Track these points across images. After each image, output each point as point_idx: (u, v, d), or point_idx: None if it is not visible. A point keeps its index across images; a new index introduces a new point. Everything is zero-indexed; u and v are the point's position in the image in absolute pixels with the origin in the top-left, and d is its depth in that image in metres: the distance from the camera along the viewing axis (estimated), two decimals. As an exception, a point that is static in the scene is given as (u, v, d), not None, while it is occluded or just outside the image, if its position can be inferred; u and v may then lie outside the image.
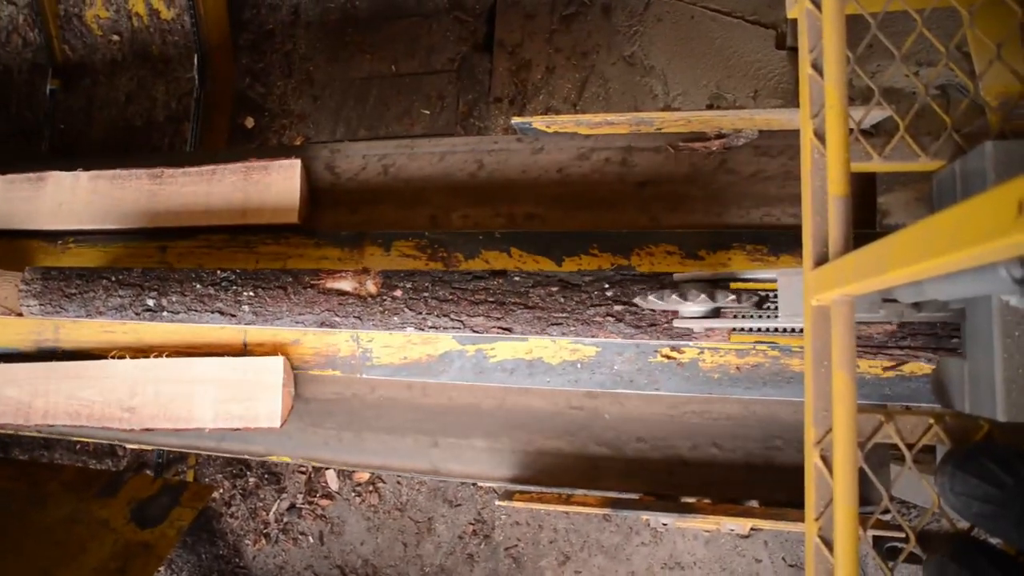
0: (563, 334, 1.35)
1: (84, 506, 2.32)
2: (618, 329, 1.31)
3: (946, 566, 0.80)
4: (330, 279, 1.50)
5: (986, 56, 0.93)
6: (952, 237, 0.51)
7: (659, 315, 1.29)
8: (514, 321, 1.37)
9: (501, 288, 1.38)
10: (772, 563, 2.36)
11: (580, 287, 1.34)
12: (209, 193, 1.76)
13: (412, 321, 1.43)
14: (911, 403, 1.32)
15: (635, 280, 1.31)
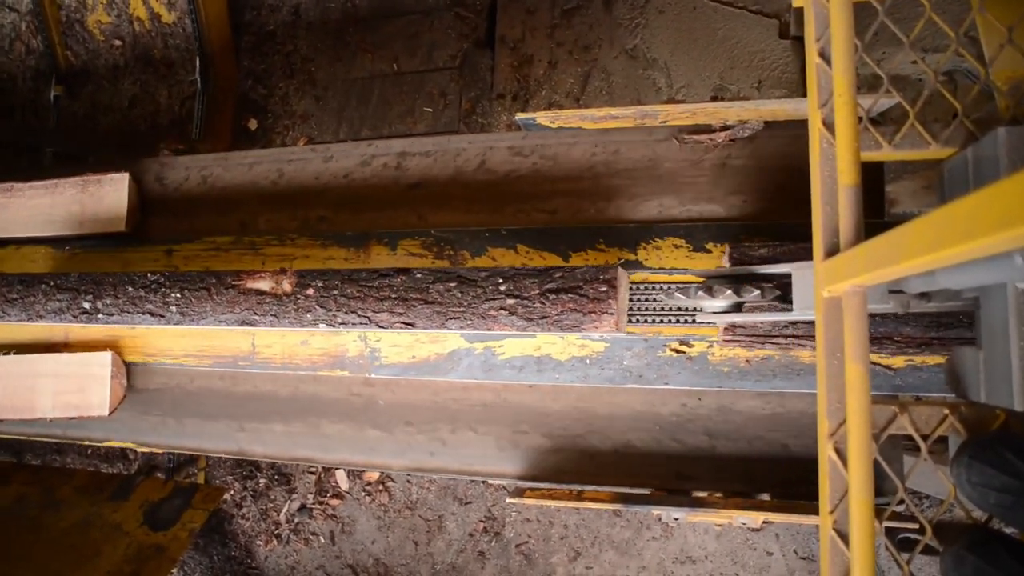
0: (461, 327, 1.39)
1: (97, 510, 2.34)
2: (511, 322, 1.35)
3: (963, 558, 0.79)
4: (250, 279, 1.56)
5: (997, 40, 0.91)
6: (968, 226, 0.50)
7: (549, 308, 1.34)
8: (415, 316, 1.42)
9: (404, 285, 1.42)
10: (784, 556, 2.36)
11: (476, 282, 1.39)
12: (52, 205, 1.90)
13: (323, 318, 1.49)
14: (923, 393, 1.31)
15: (527, 275, 1.36)
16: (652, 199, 1.55)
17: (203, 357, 1.79)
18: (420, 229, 1.68)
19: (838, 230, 0.82)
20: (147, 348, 1.85)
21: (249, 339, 1.75)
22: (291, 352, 1.72)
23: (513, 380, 1.56)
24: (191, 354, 1.80)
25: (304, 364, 1.71)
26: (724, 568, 2.40)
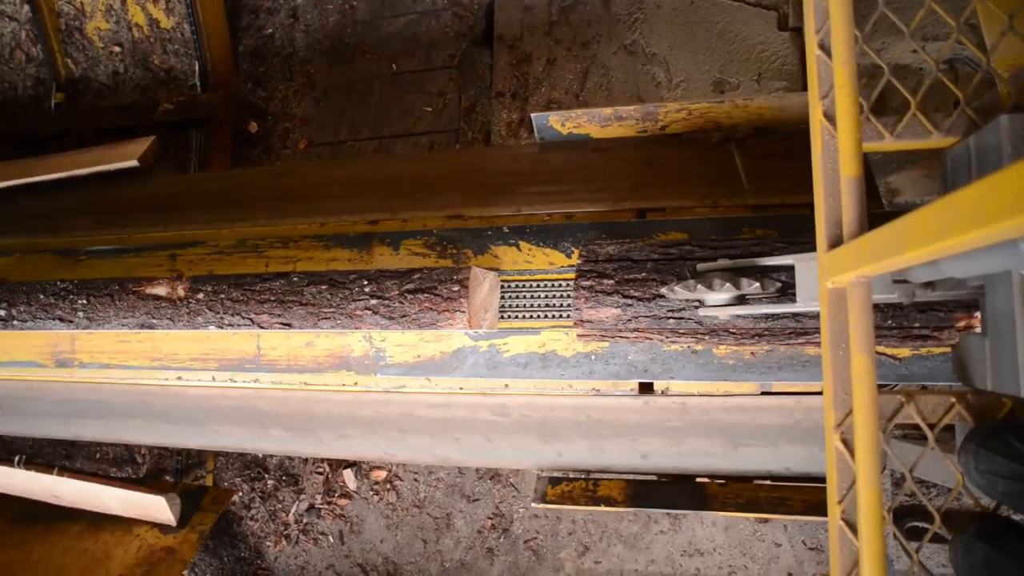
0: (332, 327, 1.47)
1: (107, 513, 2.35)
2: (375, 321, 1.43)
3: (972, 545, 0.79)
4: (149, 286, 1.62)
5: (997, 28, 0.91)
6: (972, 214, 0.50)
7: (408, 307, 1.41)
8: (292, 317, 1.49)
9: (282, 288, 1.50)
10: (792, 547, 2.36)
11: (344, 284, 1.46)
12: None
13: (212, 320, 1.56)
14: (929, 382, 1.31)
15: (390, 276, 1.44)
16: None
17: (208, 360, 1.80)
18: (423, 229, 1.68)
19: (841, 221, 0.82)
20: (153, 353, 1.85)
21: (254, 342, 1.76)
22: (296, 354, 1.73)
23: (518, 377, 1.56)
24: (196, 358, 1.81)
25: (310, 365, 1.72)
26: (733, 560, 2.41)
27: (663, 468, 1.57)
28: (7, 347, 1.98)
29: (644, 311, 1.24)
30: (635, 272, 1.25)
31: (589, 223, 1.57)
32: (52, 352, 1.94)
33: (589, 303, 1.28)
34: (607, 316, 1.27)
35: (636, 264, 1.26)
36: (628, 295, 1.25)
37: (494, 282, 1.48)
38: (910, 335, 1.07)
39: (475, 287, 1.40)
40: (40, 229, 2.13)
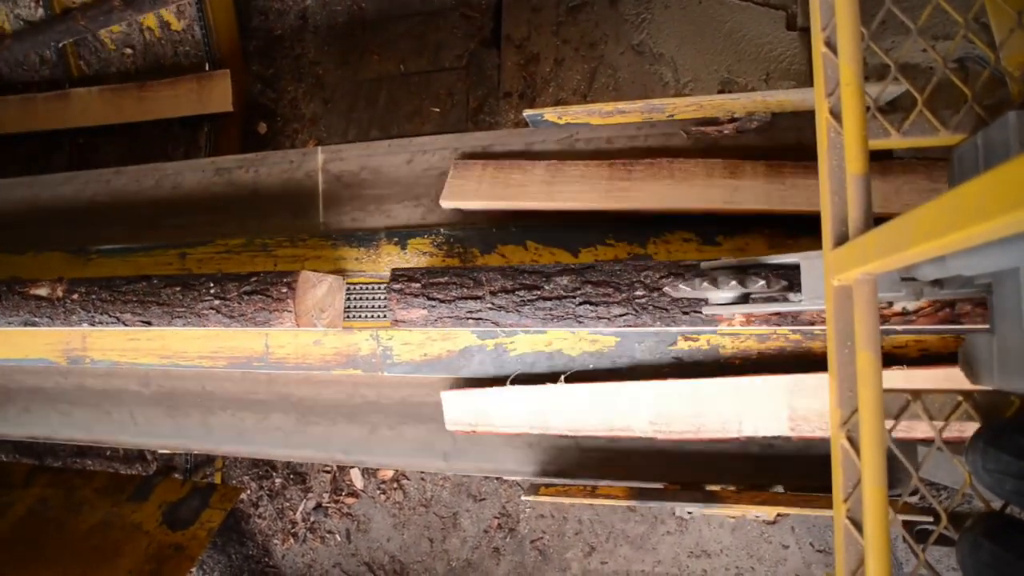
0: (184, 324, 1.60)
1: (117, 510, 2.37)
2: (218, 319, 1.57)
3: (980, 544, 0.78)
4: (33, 287, 1.72)
5: (1007, 25, 0.91)
6: (978, 209, 0.50)
7: (245, 307, 1.53)
8: (151, 316, 1.61)
9: (144, 290, 1.62)
10: (800, 548, 2.34)
11: (195, 286, 1.58)
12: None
13: (85, 319, 1.67)
14: (938, 383, 1.30)
15: (231, 279, 1.57)
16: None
17: (217, 358, 1.82)
18: (431, 228, 1.69)
19: (847, 219, 0.82)
20: (163, 351, 1.87)
21: (262, 340, 1.77)
22: (304, 352, 1.74)
23: (525, 376, 1.56)
24: (205, 355, 1.83)
25: (317, 363, 1.73)
26: (740, 562, 2.39)
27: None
28: (21, 344, 2.01)
29: (446, 312, 1.41)
30: (438, 277, 1.42)
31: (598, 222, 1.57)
32: (64, 350, 1.96)
33: (400, 304, 1.43)
34: (416, 317, 1.43)
35: (440, 271, 1.44)
36: (432, 297, 1.42)
37: (336, 284, 1.62)
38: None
39: (307, 289, 1.54)
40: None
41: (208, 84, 2.79)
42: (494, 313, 1.39)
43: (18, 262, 2.11)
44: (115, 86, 2.92)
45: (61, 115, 2.97)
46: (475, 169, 1.67)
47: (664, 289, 1.25)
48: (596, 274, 1.33)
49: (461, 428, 1.56)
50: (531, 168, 1.61)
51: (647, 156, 1.52)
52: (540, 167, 1.61)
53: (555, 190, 1.56)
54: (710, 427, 1.37)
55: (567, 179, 1.56)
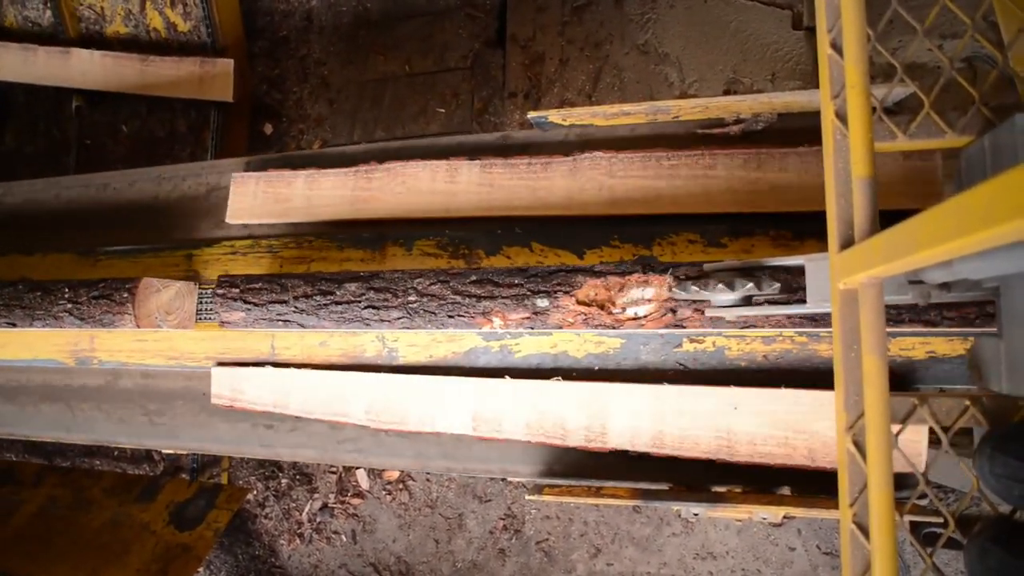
0: (43, 326, 1.74)
1: (125, 510, 2.39)
2: (72, 321, 1.69)
3: (988, 550, 0.78)
4: None
5: (1015, 25, 0.90)
6: (985, 213, 0.49)
7: (94, 309, 1.65)
8: (15, 318, 1.75)
9: (10, 294, 1.76)
10: (806, 551, 2.34)
11: (52, 291, 1.72)
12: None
13: None
14: (946, 385, 1.29)
15: (83, 285, 1.69)
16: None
17: (224, 360, 1.82)
18: (435, 229, 1.69)
19: (853, 222, 0.82)
20: (171, 352, 1.88)
21: (269, 341, 1.78)
22: (310, 353, 1.74)
23: (530, 378, 1.56)
24: (211, 356, 1.84)
25: (323, 365, 1.73)
26: (746, 564, 2.39)
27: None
28: (31, 344, 2.03)
29: (260, 314, 1.55)
30: (254, 283, 1.57)
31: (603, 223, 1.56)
32: (72, 351, 1.98)
33: (224, 307, 1.57)
34: (237, 318, 1.57)
35: (256, 278, 1.59)
36: (248, 301, 1.55)
37: (185, 289, 1.76)
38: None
39: (149, 294, 1.68)
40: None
41: (211, 71, 2.79)
42: (298, 315, 1.53)
43: (28, 263, 2.13)
44: (118, 53, 2.89)
45: (62, 73, 2.94)
46: (249, 184, 1.80)
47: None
48: (379, 281, 1.47)
49: (222, 403, 1.73)
50: (293, 180, 1.74)
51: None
52: (301, 178, 1.73)
53: (312, 203, 1.72)
54: (411, 421, 1.55)
55: (321, 189, 1.72)
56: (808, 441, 1.29)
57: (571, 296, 1.33)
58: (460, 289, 1.41)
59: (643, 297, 1.29)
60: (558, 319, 1.35)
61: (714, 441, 1.35)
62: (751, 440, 1.32)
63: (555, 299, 1.34)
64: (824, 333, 1.33)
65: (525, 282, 1.37)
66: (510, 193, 1.56)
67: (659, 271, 1.28)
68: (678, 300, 1.26)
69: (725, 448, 1.34)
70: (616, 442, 1.40)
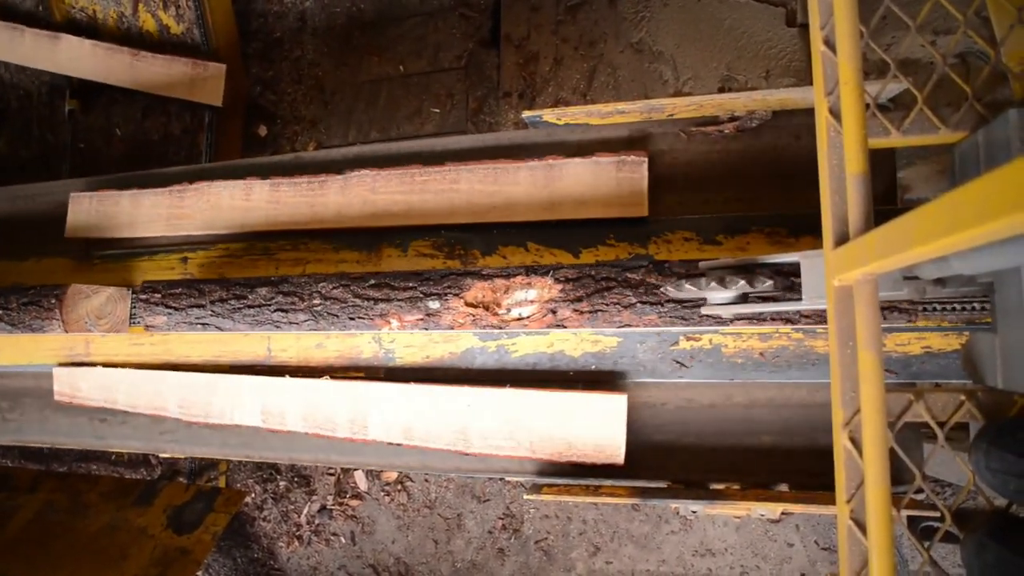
0: None
1: (123, 514, 2.38)
2: (3, 327, 1.78)
3: (984, 545, 0.78)
4: None
5: (1007, 21, 0.90)
6: (978, 209, 0.50)
7: (24, 315, 1.74)
8: None
9: None
10: (805, 547, 2.34)
11: None
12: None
13: None
14: (941, 380, 1.30)
15: (13, 291, 1.77)
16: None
17: (220, 362, 1.82)
18: (432, 229, 1.69)
19: (847, 219, 0.82)
20: (166, 355, 1.88)
21: (265, 343, 1.77)
22: (306, 355, 1.74)
23: (526, 377, 1.56)
24: (208, 360, 1.83)
25: (320, 366, 1.73)
26: (745, 560, 2.39)
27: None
28: (26, 349, 2.02)
29: (180, 318, 1.63)
30: (174, 289, 1.66)
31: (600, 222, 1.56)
32: (68, 355, 1.97)
33: (147, 312, 1.66)
34: (160, 322, 1.66)
35: (176, 283, 1.67)
36: (169, 305, 1.64)
37: (118, 295, 1.78)
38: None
39: (78, 300, 1.73)
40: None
41: (202, 74, 2.76)
42: (215, 319, 1.61)
43: (21, 268, 2.12)
44: (109, 45, 2.83)
45: (49, 57, 2.88)
46: (84, 203, 1.96)
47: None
48: (287, 286, 1.55)
49: (63, 399, 1.88)
50: (120, 199, 1.92)
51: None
52: (126, 198, 1.91)
53: (135, 220, 1.89)
54: (214, 414, 1.71)
55: (142, 208, 1.89)
56: (529, 435, 1.45)
57: (460, 298, 1.41)
58: (360, 292, 1.49)
59: (527, 299, 1.37)
60: (449, 320, 1.43)
61: (453, 435, 1.50)
62: (483, 435, 1.48)
63: (446, 301, 1.42)
64: (820, 330, 1.34)
65: (419, 285, 1.45)
66: (293, 209, 1.73)
67: (541, 273, 1.37)
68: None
69: (462, 441, 1.50)
70: (374, 434, 1.57)
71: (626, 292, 1.31)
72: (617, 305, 1.32)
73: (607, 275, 1.33)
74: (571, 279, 1.34)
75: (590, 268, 1.35)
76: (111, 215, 1.92)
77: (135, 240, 1.94)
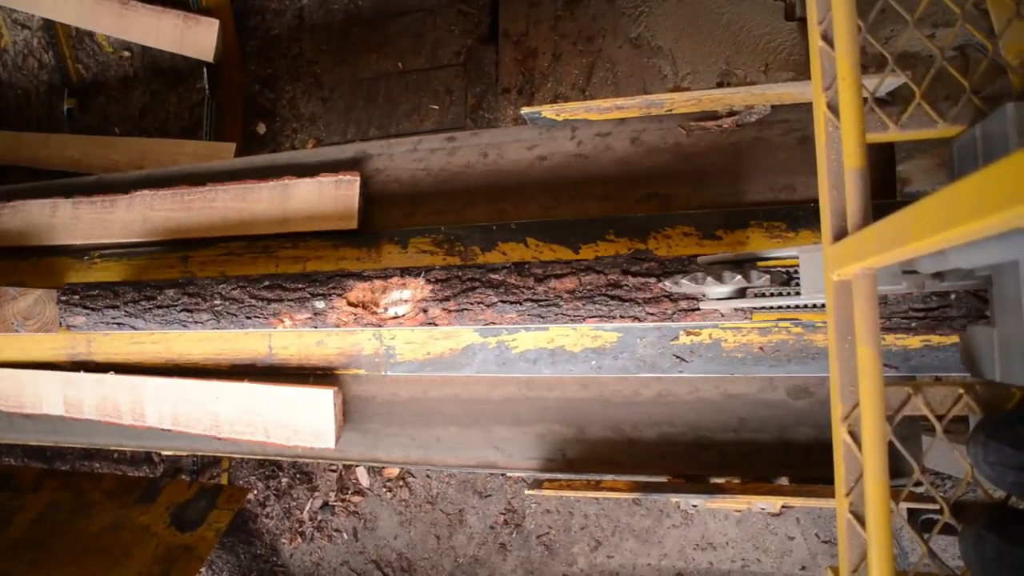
0: None
1: (126, 512, 2.39)
2: None
3: (983, 538, 0.79)
4: None
5: (1005, 15, 0.90)
6: (975, 204, 0.50)
7: None
8: None
9: None
10: (805, 540, 2.35)
11: None
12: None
13: None
14: (941, 373, 1.30)
15: None
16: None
17: (221, 361, 1.83)
18: (430, 226, 1.69)
19: (846, 213, 0.82)
20: (167, 353, 1.88)
21: (266, 341, 1.78)
22: (307, 352, 1.74)
23: (527, 373, 1.57)
24: (209, 358, 1.84)
25: (321, 364, 1.74)
26: (746, 553, 2.40)
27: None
28: (25, 348, 2.02)
29: (98, 318, 1.73)
30: (91, 291, 1.75)
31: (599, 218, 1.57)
32: (69, 354, 1.97)
33: (67, 312, 1.75)
34: (80, 322, 1.75)
35: (94, 285, 1.77)
36: (87, 306, 1.73)
37: (46, 296, 1.84)
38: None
39: (4, 302, 1.81)
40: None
41: (194, 27, 2.70)
42: (129, 319, 1.70)
43: (21, 267, 2.12)
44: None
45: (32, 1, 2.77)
46: None
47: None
48: (192, 287, 1.65)
49: None
50: None
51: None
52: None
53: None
54: (27, 405, 1.89)
55: None
56: (264, 423, 1.68)
57: (343, 298, 1.51)
58: (255, 293, 1.60)
59: (402, 298, 1.48)
60: (334, 319, 1.53)
61: (209, 422, 1.73)
62: (230, 422, 1.71)
63: (330, 301, 1.53)
64: (820, 324, 1.34)
65: (307, 286, 1.56)
66: (89, 224, 1.91)
67: (414, 274, 1.48)
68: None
69: (215, 427, 1.72)
70: (151, 421, 1.77)
71: (488, 292, 1.42)
72: (480, 304, 1.42)
73: (472, 276, 1.45)
74: (440, 280, 1.46)
75: (458, 269, 1.46)
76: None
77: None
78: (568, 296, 1.37)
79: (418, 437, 1.69)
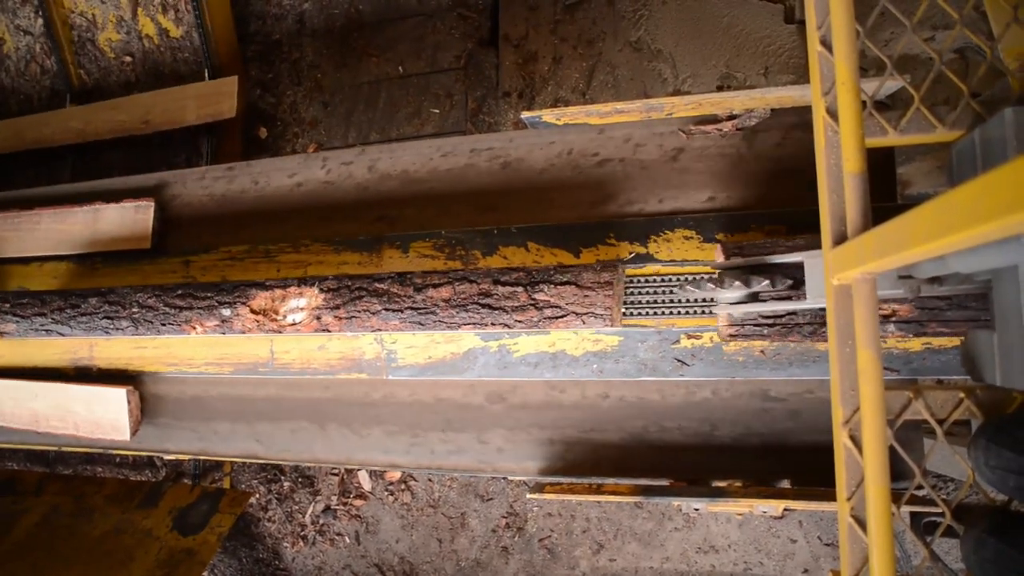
0: None
1: (128, 517, 2.39)
2: None
3: (984, 541, 0.79)
4: None
5: (1003, 19, 0.90)
6: (975, 210, 0.50)
7: None
8: None
9: None
10: (808, 543, 2.35)
11: None
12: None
13: None
14: (943, 376, 1.30)
15: None
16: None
17: (223, 365, 1.83)
18: (432, 231, 1.70)
19: (845, 218, 0.82)
20: (169, 358, 1.89)
21: (268, 346, 1.78)
22: (309, 357, 1.75)
23: (528, 377, 1.57)
24: (211, 362, 1.84)
25: (322, 368, 1.74)
26: (748, 556, 2.40)
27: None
28: (28, 354, 2.03)
29: (27, 325, 1.80)
30: (21, 299, 1.83)
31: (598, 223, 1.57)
32: (71, 359, 1.98)
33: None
34: (11, 329, 1.82)
35: (24, 294, 1.85)
36: (16, 314, 1.81)
37: None
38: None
39: None
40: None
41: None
42: (56, 325, 1.77)
43: (25, 272, 2.13)
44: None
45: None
46: None
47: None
48: (114, 296, 1.72)
49: None
50: None
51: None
52: None
53: None
54: None
55: None
56: (75, 418, 1.88)
57: (247, 306, 1.58)
58: (169, 302, 1.67)
59: (298, 306, 1.54)
60: (240, 326, 1.59)
61: (29, 418, 1.93)
62: (47, 417, 1.91)
63: (235, 309, 1.59)
64: (820, 327, 1.34)
65: (215, 295, 1.62)
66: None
67: (309, 284, 1.55)
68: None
69: (35, 422, 1.93)
70: None
71: (373, 300, 1.48)
72: (367, 312, 1.48)
73: (360, 285, 1.51)
74: (332, 289, 1.52)
75: (348, 279, 1.53)
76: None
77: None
78: (444, 304, 1.43)
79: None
